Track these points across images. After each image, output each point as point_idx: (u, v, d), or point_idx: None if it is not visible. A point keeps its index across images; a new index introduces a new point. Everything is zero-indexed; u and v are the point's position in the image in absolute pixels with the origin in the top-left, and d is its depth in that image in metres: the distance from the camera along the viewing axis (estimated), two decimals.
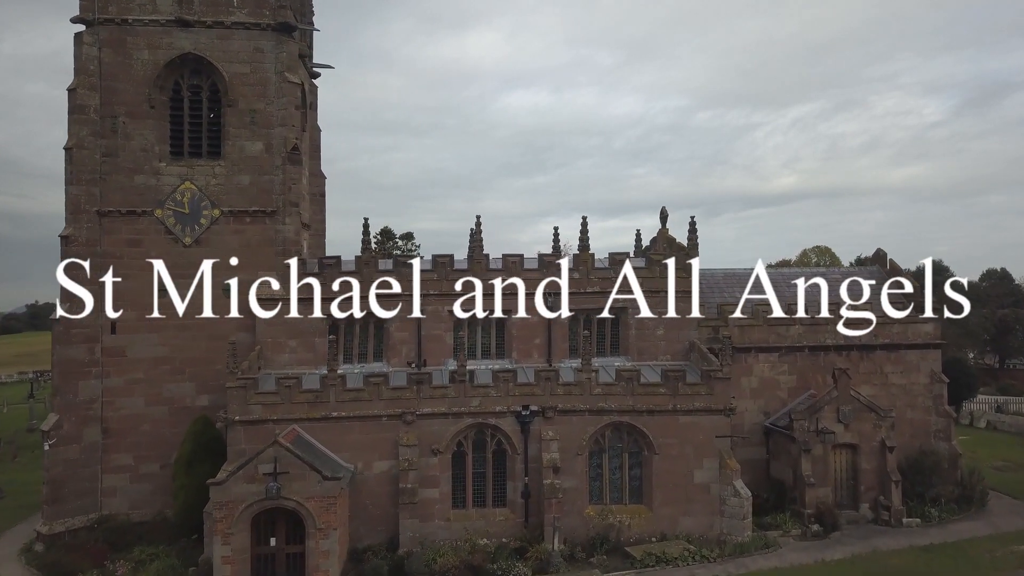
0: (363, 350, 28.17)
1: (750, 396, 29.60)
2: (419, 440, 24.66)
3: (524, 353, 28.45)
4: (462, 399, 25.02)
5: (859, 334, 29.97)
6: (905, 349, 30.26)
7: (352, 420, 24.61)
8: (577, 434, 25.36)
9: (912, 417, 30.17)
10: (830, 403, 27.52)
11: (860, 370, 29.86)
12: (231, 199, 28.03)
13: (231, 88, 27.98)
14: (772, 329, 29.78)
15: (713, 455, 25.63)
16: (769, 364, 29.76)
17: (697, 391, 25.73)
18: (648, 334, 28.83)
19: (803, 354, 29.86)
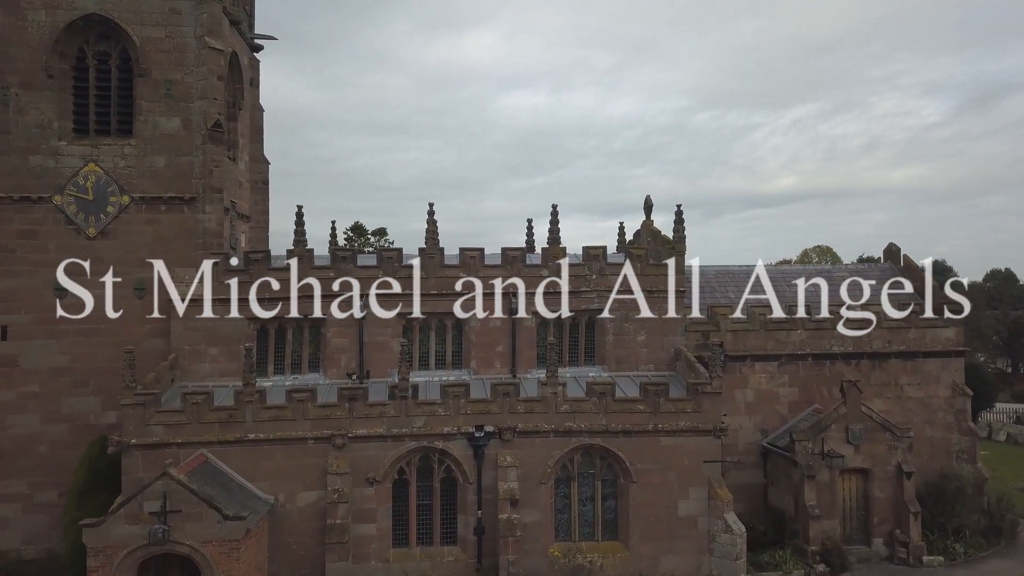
0: (296, 359, 24.32)
1: (745, 411, 25.75)
2: (352, 467, 20.81)
3: (485, 362, 24.62)
4: (403, 418, 21.17)
5: (870, 340, 26.14)
6: (923, 357, 26.41)
7: (273, 443, 20.76)
8: (540, 459, 21.51)
9: (931, 435, 26.32)
10: (838, 421, 23.67)
11: (872, 381, 26.02)
12: (143, 184, 24.17)
13: (143, 55, 24.14)
14: (771, 334, 25.94)
15: (701, 483, 21.80)
16: (767, 374, 25.91)
17: (682, 408, 21.89)
18: (627, 340, 25.01)
19: (806, 363, 26.01)
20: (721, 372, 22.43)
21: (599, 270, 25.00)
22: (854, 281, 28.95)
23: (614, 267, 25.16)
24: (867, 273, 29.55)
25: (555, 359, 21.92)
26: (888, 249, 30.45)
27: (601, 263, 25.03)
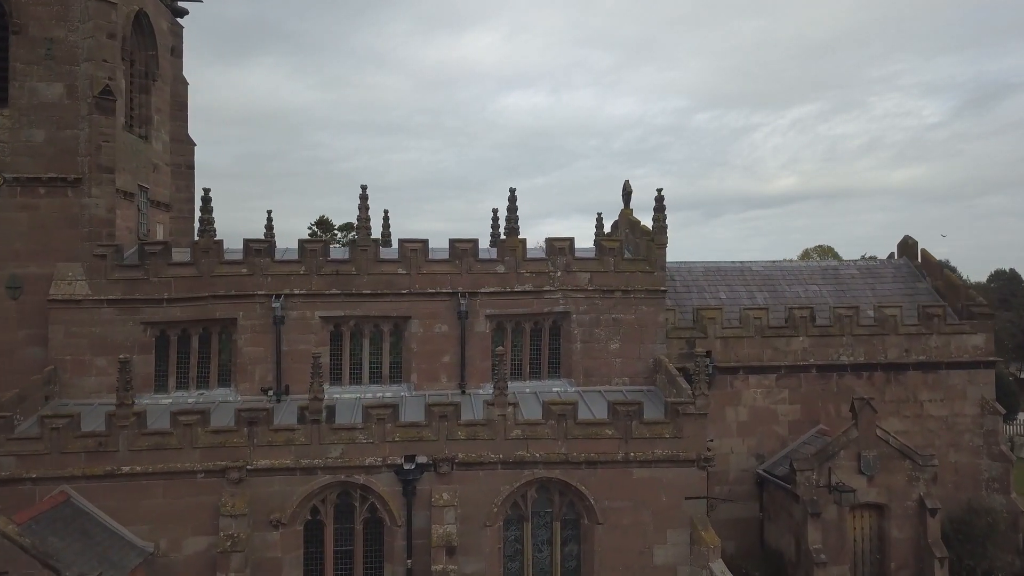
0: (203, 372, 20.45)
1: (737, 433, 21.86)
2: (252, 506, 16.92)
3: (428, 376, 20.75)
4: (316, 447, 17.28)
5: (884, 349, 22.26)
6: (947, 369, 22.51)
7: (153, 478, 16.86)
8: (485, 496, 17.62)
9: (956, 461, 22.43)
10: (847, 446, 19.77)
11: (886, 397, 22.15)
12: (19, 162, 20.26)
13: (18, 9, 20.24)
14: (768, 342, 22.04)
15: (681, 524, 17.92)
16: (763, 389, 22.01)
17: (659, 432, 18.01)
18: (599, 349, 21.14)
19: (809, 376, 22.12)
20: (707, 389, 18.54)
21: (565, 266, 21.13)
22: (865, 280, 25.11)
23: (583, 262, 21.32)
24: (880, 271, 25.66)
25: (504, 373, 18.01)
26: (903, 243, 26.55)
27: (568, 258, 21.17)
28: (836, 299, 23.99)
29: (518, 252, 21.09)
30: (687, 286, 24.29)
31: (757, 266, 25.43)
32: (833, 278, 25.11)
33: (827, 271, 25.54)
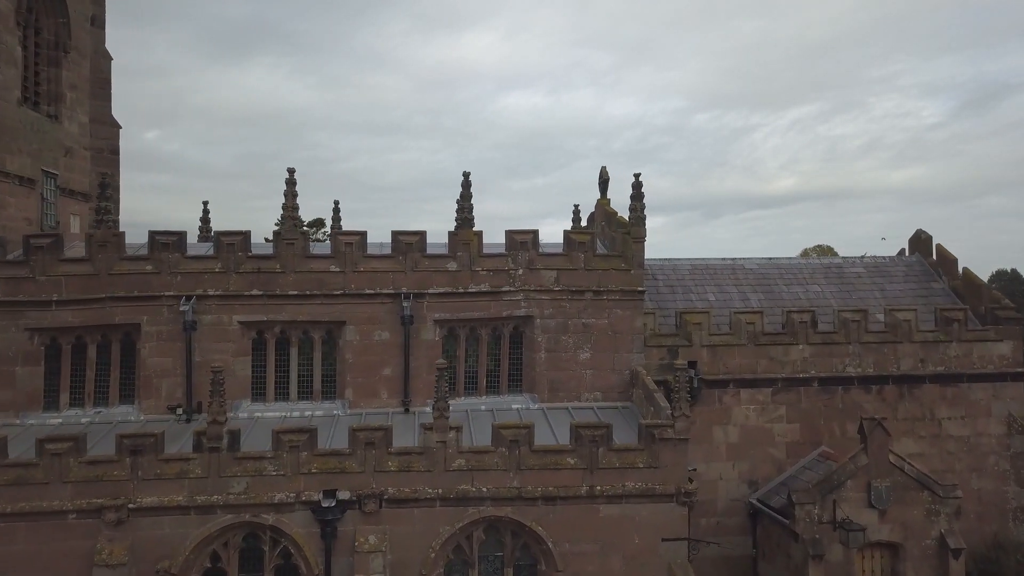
0: (102, 387, 17.50)
1: (727, 456, 18.92)
2: (134, 554, 13.96)
3: (366, 392, 17.82)
4: (215, 480, 14.31)
5: (897, 359, 19.34)
6: (968, 382, 19.57)
7: (13, 519, 13.91)
8: (422, 539, 14.66)
9: (980, 488, 19.50)
10: (855, 475, 16.82)
11: (899, 414, 19.23)
12: None
13: None
14: (763, 351, 19.10)
15: (657, 571, 14.99)
16: (757, 406, 19.08)
17: (632, 461, 15.07)
18: (566, 359, 18.21)
19: (810, 390, 19.19)
20: (689, 408, 15.62)
21: (527, 262, 18.20)
22: (873, 280, 22.18)
23: (549, 259, 18.39)
24: (889, 269, 22.72)
25: (444, 391, 15.02)
26: (916, 238, 23.60)
27: (531, 253, 18.23)
28: (841, 301, 21.07)
29: (473, 247, 18.14)
30: (671, 286, 21.36)
31: (751, 264, 22.48)
32: (837, 277, 22.19)
33: (830, 269, 22.60)
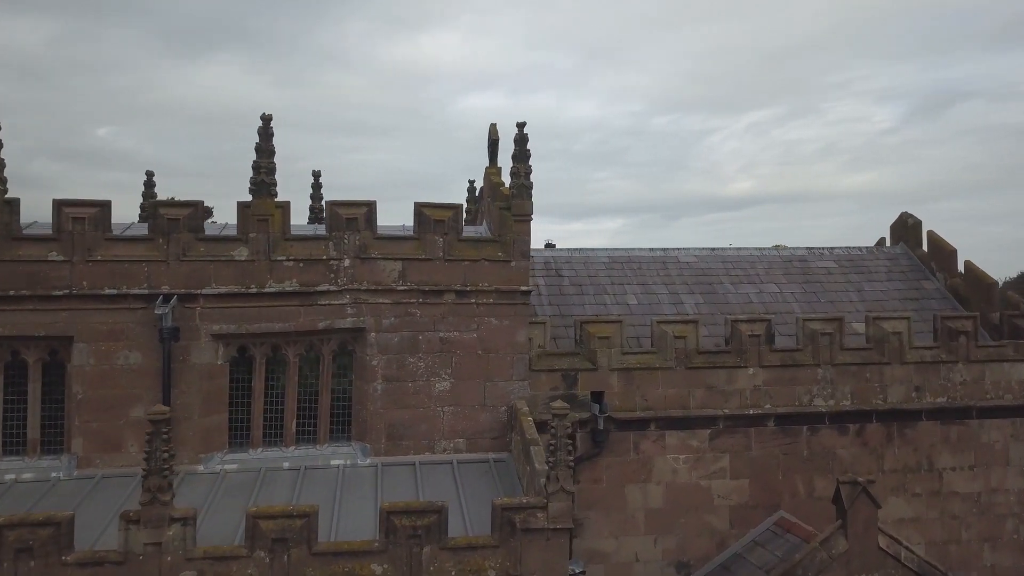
0: None
1: (646, 528, 13.28)
2: None
3: (104, 442, 11.91)
4: None
5: (883, 386, 13.95)
6: (979, 417, 14.25)
7: None
8: None
9: (995, 564, 14.10)
10: (829, 567, 11.31)
11: (886, 464, 13.86)
12: None
13: None
14: (698, 377, 13.53)
15: None
16: (690, 455, 13.50)
17: (478, 567, 9.36)
18: (415, 392, 12.49)
19: (764, 431, 13.68)
20: (568, 473, 9.97)
21: (358, 248, 12.45)
22: (848, 277, 16.84)
23: (390, 244, 12.65)
24: (868, 264, 17.40)
25: (162, 456, 9.13)
26: (901, 223, 18.31)
27: (363, 236, 12.49)
28: (807, 306, 15.69)
29: (274, 225, 12.32)
30: (579, 285, 15.74)
31: (688, 255, 16.97)
32: (801, 274, 16.82)
33: (792, 264, 17.19)
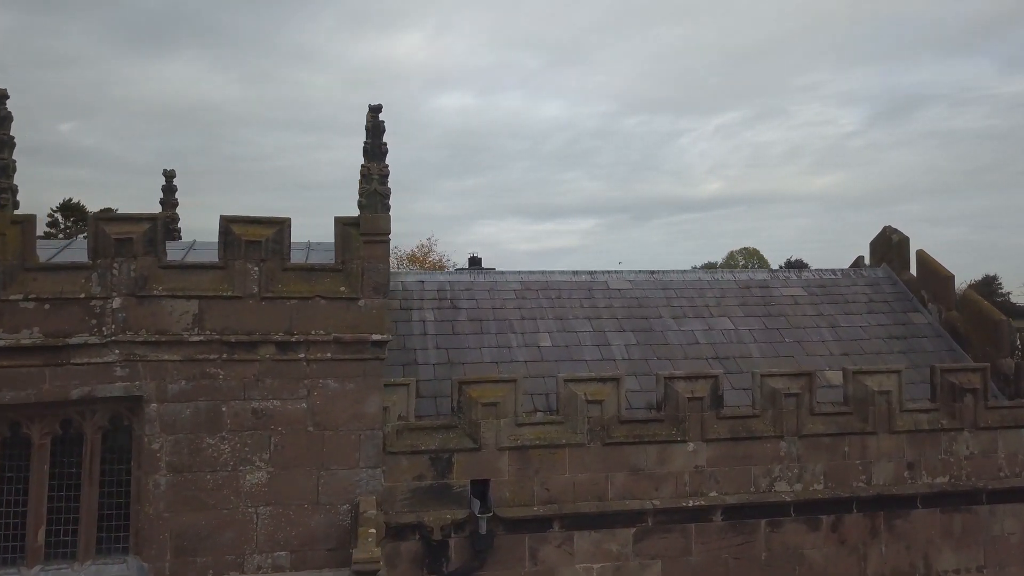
0: None
1: None
2: None
3: None
4: None
5: (867, 464, 10.49)
6: (990, 503, 10.79)
7: None
8: None
9: None
10: None
11: (869, 567, 10.37)
12: None
13: None
14: (619, 456, 9.90)
15: None
16: (608, 563, 9.82)
17: None
18: (217, 486, 8.74)
19: (708, 528, 10.09)
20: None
21: (133, 284, 8.69)
22: (819, 308, 13.37)
23: (183, 275, 8.89)
24: (845, 290, 13.91)
25: None
26: (883, 240, 14.86)
27: (143, 266, 8.72)
28: (767, 348, 12.19)
29: (9, 248, 8.51)
30: (478, 320, 12.07)
31: (620, 280, 13.35)
32: (761, 304, 13.30)
33: (750, 292, 13.66)
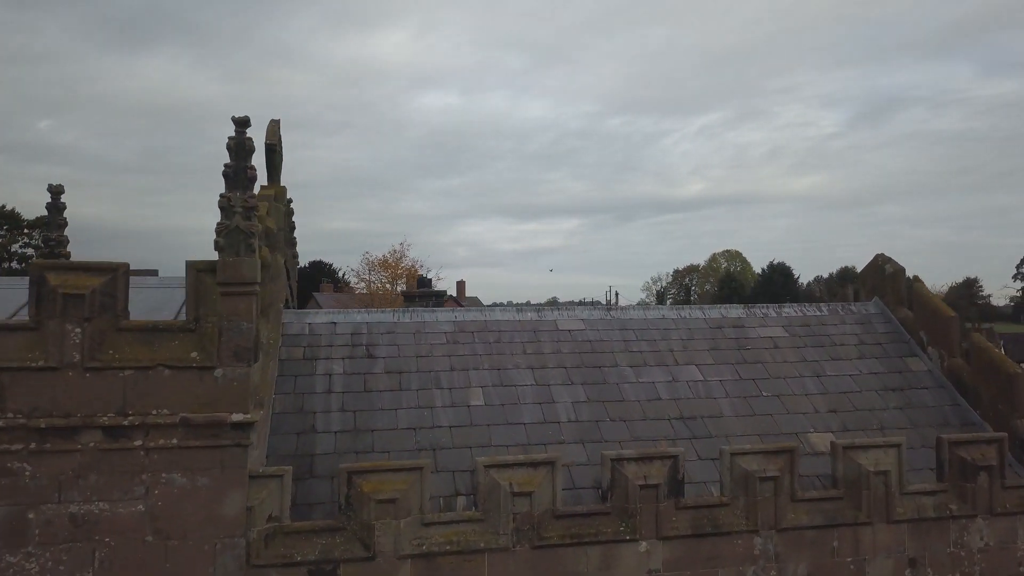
0: None
1: None
2: None
3: None
4: None
5: (859, 560, 8.55)
6: None
7: None
8: None
9: None
10: None
11: None
12: None
13: None
14: (551, 561, 7.80)
15: None
16: None
17: None
18: None
19: None
20: None
21: None
22: (801, 352, 11.38)
23: None
24: (831, 329, 11.93)
25: None
26: (874, 269, 12.95)
27: None
28: (741, 405, 10.22)
29: None
30: (397, 372, 9.96)
31: (571, 319, 11.29)
32: (735, 348, 11.31)
33: (723, 332, 11.65)
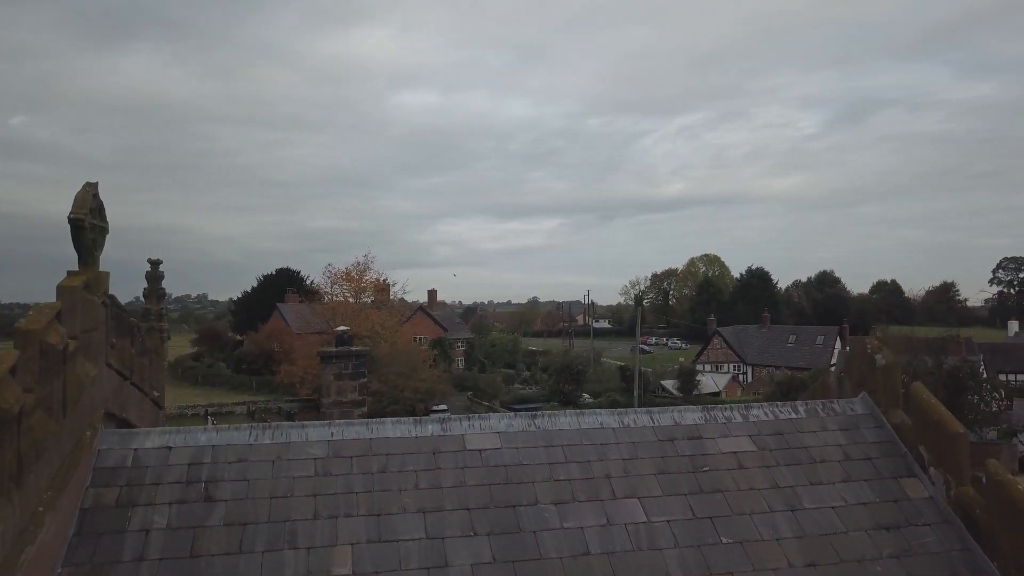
0: None
1: None
2: None
3: None
4: None
5: None
6: None
7: None
8: None
9: None
10: None
11: None
12: None
13: None
14: None
15: None
16: None
17: None
18: None
19: None
20: None
21: None
22: (773, 476, 9.04)
23: None
24: (809, 438, 9.59)
25: None
26: (859, 354, 10.62)
27: None
28: (692, 558, 7.83)
29: None
30: (242, 523, 7.45)
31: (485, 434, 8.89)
32: (689, 469, 8.94)
33: (675, 444, 9.25)
